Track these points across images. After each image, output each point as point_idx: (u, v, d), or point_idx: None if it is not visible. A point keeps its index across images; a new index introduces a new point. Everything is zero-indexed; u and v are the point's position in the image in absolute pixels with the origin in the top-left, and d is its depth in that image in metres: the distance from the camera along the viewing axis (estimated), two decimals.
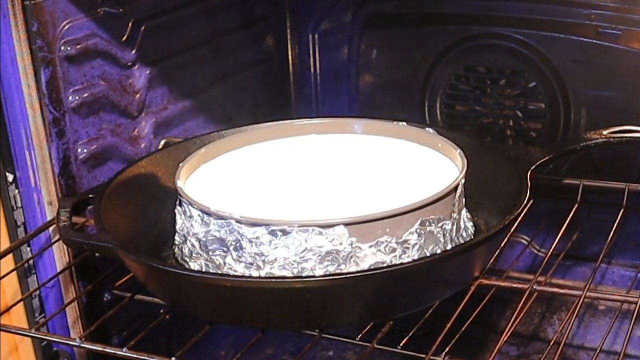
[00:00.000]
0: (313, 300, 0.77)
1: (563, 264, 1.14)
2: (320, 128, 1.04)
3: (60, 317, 1.07)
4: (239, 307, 0.80)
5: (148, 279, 0.85)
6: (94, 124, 1.07)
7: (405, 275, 0.78)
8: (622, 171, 1.24)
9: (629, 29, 1.19)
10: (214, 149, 0.99)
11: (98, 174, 1.08)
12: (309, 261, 0.80)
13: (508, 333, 0.83)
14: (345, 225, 0.79)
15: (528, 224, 0.97)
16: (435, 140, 0.98)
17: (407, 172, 0.94)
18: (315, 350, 1.31)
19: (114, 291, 1.00)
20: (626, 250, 1.26)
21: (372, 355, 0.83)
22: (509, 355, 1.30)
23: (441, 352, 0.80)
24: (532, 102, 1.29)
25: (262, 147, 1.02)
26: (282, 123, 1.05)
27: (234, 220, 0.81)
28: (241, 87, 1.35)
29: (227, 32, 1.29)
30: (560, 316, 1.32)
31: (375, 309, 0.80)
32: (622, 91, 1.22)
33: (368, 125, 1.04)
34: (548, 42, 1.25)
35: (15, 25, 0.95)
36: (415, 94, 1.36)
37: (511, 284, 0.88)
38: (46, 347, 1.07)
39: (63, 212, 0.89)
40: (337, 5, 1.38)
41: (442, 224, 0.84)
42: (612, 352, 1.20)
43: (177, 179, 0.91)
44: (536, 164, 0.95)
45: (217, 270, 0.83)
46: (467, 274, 0.85)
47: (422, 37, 1.34)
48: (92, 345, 0.86)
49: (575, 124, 1.26)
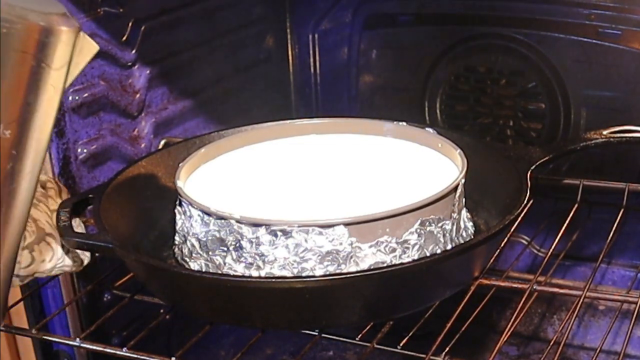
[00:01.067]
0: (313, 300, 0.77)
1: (563, 264, 1.14)
2: (320, 128, 1.04)
3: (60, 317, 1.06)
4: (239, 307, 0.80)
5: (148, 278, 0.85)
6: (94, 124, 1.07)
7: (405, 275, 0.78)
8: (622, 171, 1.24)
9: (629, 29, 1.19)
10: (214, 149, 0.99)
11: (98, 174, 1.08)
12: (309, 261, 0.80)
13: (508, 333, 0.83)
14: (345, 225, 0.79)
15: (528, 224, 0.97)
16: (435, 140, 0.98)
17: (407, 172, 0.94)
18: (315, 350, 1.31)
19: (114, 291, 1.00)
20: (626, 250, 1.26)
21: (372, 355, 0.83)
22: (509, 355, 1.30)
23: (441, 352, 0.80)
24: (532, 102, 1.29)
25: (262, 147, 1.02)
26: (282, 123, 1.05)
27: (234, 220, 0.81)
28: (241, 87, 1.35)
29: (227, 32, 1.29)
30: (560, 316, 1.32)
31: (375, 309, 0.80)
32: (622, 91, 1.22)
33: (368, 125, 1.04)
34: (548, 42, 1.25)
35: None
36: (415, 94, 1.36)
37: (511, 284, 0.88)
38: (46, 347, 1.07)
39: (63, 212, 0.89)
40: (337, 5, 1.38)
41: (442, 224, 0.84)
42: (612, 352, 1.20)
43: (177, 179, 0.91)
44: (536, 164, 0.95)
45: (217, 270, 0.83)
46: (467, 274, 0.85)
47: (422, 37, 1.34)
48: (92, 345, 0.86)
49: (575, 124, 1.26)
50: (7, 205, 0.68)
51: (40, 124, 0.67)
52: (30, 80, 0.65)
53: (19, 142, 0.66)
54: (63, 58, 0.66)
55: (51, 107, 0.68)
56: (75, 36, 0.67)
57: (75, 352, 1.08)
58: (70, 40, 0.66)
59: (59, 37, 0.65)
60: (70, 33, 0.66)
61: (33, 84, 0.65)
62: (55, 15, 0.65)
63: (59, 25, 0.65)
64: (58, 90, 0.67)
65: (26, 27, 0.63)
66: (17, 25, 0.62)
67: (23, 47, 0.63)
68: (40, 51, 0.64)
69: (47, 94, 0.66)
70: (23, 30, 0.63)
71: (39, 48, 0.64)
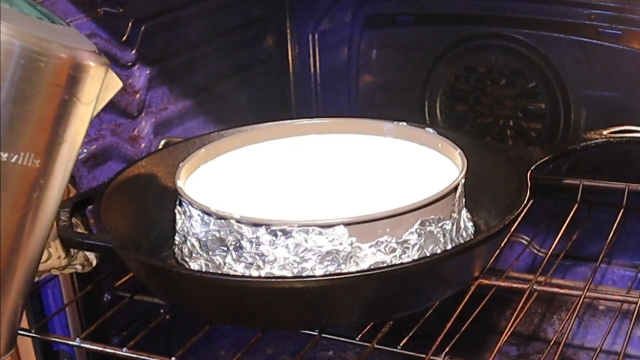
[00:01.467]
0: (313, 300, 0.77)
1: (563, 264, 1.14)
2: (320, 128, 1.04)
3: (60, 317, 1.06)
4: (239, 307, 0.80)
5: (148, 278, 0.85)
6: (94, 124, 1.06)
7: (405, 275, 0.78)
8: (622, 171, 1.24)
9: (629, 29, 1.19)
10: (214, 149, 0.99)
11: (98, 174, 1.08)
12: (309, 261, 0.80)
13: (508, 333, 0.83)
14: (346, 225, 0.79)
15: (528, 224, 0.97)
16: (435, 140, 0.98)
17: (407, 172, 0.94)
18: (315, 350, 1.31)
19: (114, 291, 1.00)
20: (626, 250, 1.26)
21: (372, 355, 0.83)
22: (509, 355, 1.29)
23: (441, 352, 0.80)
24: (532, 102, 1.29)
25: (262, 147, 1.02)
26: (282, 123, 1.05)
27: (234, 220, 0.81)
28: (241, 87, 1.35)
29: (227, 32, 1.29)
30: (560, 316, 1.32)
31: (375, 309, 0.80)
32: (622, 91, 1.22)
33: (368, 125, 1.04)
34: (548, 42, 1.25)
35: None
36: (415, 94, 1.36)
37: (511, 284, 0.88)
38: (46, 347, 1.07)
39: (63, 212, 0.89)
40: (337, 5, 1.38)
41: (442, 224, 0.84)
42: (612, 352, 1.20)
43: (177, 179, 0.91)
44: (536, 164, 0.95)
45: (217, 270, 0.83)
46: (467, 274, 0.85)
47: (422, 37, 1.34)
48: (92, 345, 0.86)
49: (575, 124, 1.26)
50: (29, 233, 0.70)
51: (67, 155, 0.69)
52: (61, 113, 0.67)
53: (46, 172, 0.68)
54: (92, 93, 0.69)
55: (78, 140, 0.70)
56: (105, 73, 0.69)
57: (75, 352, 1.08)
58: (99, 76, 0.69)
59: (90, 73, 0.67)
60: (100, 70, 0.68)
61: (63, 117, 0.67)
62: (87, 51, 0.67)
63: (91, 61, 0.67)
64: (85, 124, 0.70)
65: (61, 62, 0.65)
66: (53, 60, 0.64)
67: (57, 81, 0.65)
68: (72, 85, 0.66)
69: (75, 127, 0.68)
70: (58, 65, 0.65)
71: (72, 82, 0.66)
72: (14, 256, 0.70)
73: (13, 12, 0.65)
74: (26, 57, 0.63)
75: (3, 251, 0.68)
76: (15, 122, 0.64)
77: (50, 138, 0.67)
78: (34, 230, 0.70)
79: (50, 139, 0.67)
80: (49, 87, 0.65)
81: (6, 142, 0.64)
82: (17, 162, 0.65)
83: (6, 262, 0.69)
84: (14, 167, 0.65)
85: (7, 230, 0.68)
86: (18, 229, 0.69)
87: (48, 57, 0.64)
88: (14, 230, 0.69)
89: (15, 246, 0.69)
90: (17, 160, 0.65)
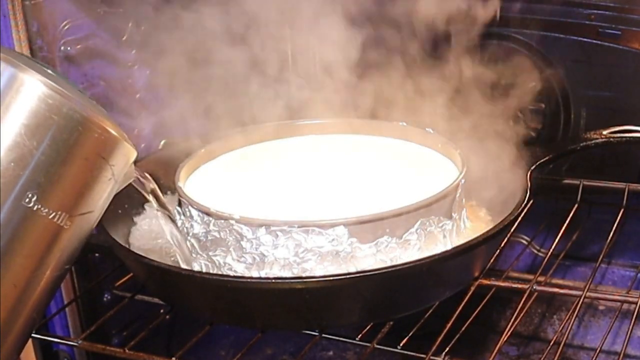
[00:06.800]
0: (313, 300, 0.77)
1: (563, 264, 1.14)
2: (320, 128, 1.04)
3: (60, 317, 1.06)
4: (239, 307, 0.80)
5: (148, 278, 0.85)
6: None
7: (405, 275, 0.78)
8: (622, 171, 1.24)
9: (629, 29, 1.19)
10: (214, 149, 0.99)
11: None
12: (309, 261, 0.80)
13: (508, 333, 0.83)
14: (345, 226, 0.79)
15: (528, 224, 0.97)
16: (435, 140, 0.98)
17: (407, 172, 0.94)
18: (315, 350, 1.31)
19: (114, 291, 1.00)
20: (626, 250, 1.26)
21: (372, 355, 0.83)
22: (509, 355, 1.29)
23: (441, 352, 0.80)
24: (532, 102, 1.29)
25: (262, 147, 1.02)
26: (282, 123, 1.05)
27: (234, 220, 0.81)
28: (241, 86, 1.34)
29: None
30: (560, 316, 1.32)
31: (375, 309, 0.80)
32: (622, 91, 1.22)
33: (368, 125, 1.04)
34: (548, 42, 1.24)
35: (15, 25, 0.95)
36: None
37: (511, 284, 0.88)
38: (46, 347, 1.07)
39: None
40: None
41: (442, 224, 0.84)
42: (612, 352, 1.20)
43: (177, 179, 0.91)
44: (536, 164, 0.95)
45: (217, 270, 0.83)
46: (467, 274, 0.85)
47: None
48: (92, 345, 0.86)
49: (575, 124, 1.26)
50: (43, 290, 0.72)
51: (92, 222, 0.72)
52: (99, 183, 0.71)
53: (72, 234, 0.71)
54: (123, 169, 0.73)
55: (101, 212, 0.74)
56: (135, 154, 0.74)
57: (75, 352, 1.08)
58: (132, 156, 0.73)
59: (124, 151, 0.72)
60: (131, 150, 0.73)
61: (101, 188, 0.71)
62: (120, 129, 0.72)
63: (126, 140, 0.71)
64: (110, 199, 0.74)
65: (110, 137, 0.70)
66: (105, 134, 0.69)
67: (104, 154, 0.70)
68: (112, 159, 0.71)
69: (106, 200, 0.73)
70: (108, 139, 0.70)
71: (112, 157, 0.71)
72: (19, 304, 0.71)
73: (68, 83, 0.70)
74: (84, 125, 0.68)
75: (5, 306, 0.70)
76: (61, 182, 0.68)
77: (86, 205, 0.70)
78: (48, 286, 0.72)
79: (85, 206, 0.70)
80: (95, 158, 0.70)
81: (47, 198, 0.67)
82: (52, 218, 0.68)
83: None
84: (48, 222, 0.68)
85: (18, 281, 0.70)
86: (27, 281, 0.70)
87: (102, 130, 0.69)
88: (23, 283, 0.70)
89: (22, 297, 0.71)
90: (53, 217, 0.68)
